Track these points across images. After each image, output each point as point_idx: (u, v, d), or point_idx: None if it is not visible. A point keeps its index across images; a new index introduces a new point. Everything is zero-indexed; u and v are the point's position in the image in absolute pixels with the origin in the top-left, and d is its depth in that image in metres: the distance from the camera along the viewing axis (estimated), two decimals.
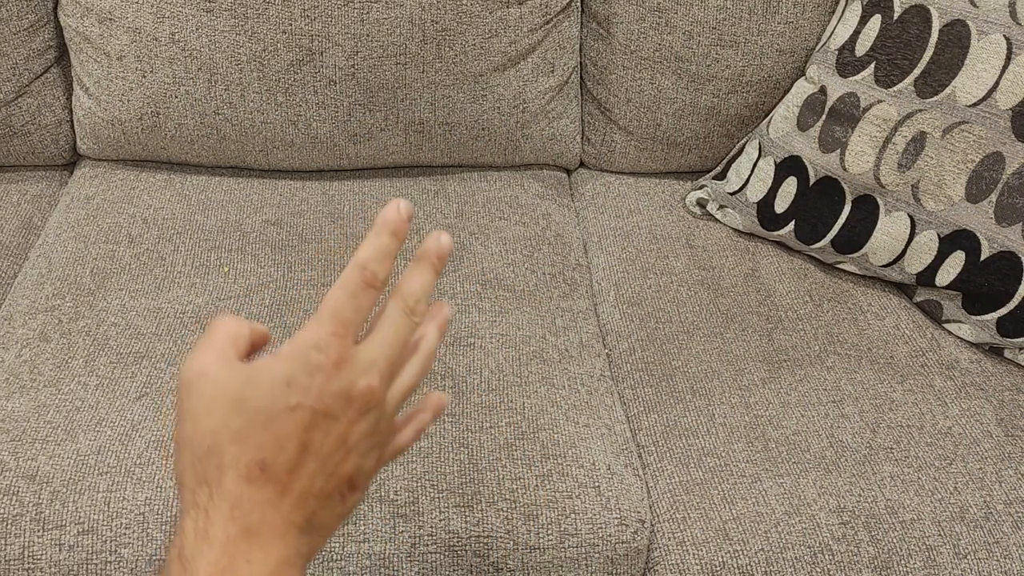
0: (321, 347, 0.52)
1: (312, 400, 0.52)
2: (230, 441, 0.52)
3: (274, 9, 1.26)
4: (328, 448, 0.53)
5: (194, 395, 0.53)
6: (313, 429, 0.52)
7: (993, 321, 1.18)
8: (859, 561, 0.97)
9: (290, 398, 0.52)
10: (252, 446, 0.52)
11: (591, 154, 1.48)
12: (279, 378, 0.52)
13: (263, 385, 0.52)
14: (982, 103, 1.14)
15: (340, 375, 0.52)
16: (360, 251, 0.53)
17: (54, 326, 1.11)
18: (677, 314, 1.23)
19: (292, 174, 1.40)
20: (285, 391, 0.52)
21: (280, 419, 0.52)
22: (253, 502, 0.52)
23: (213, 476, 0.52)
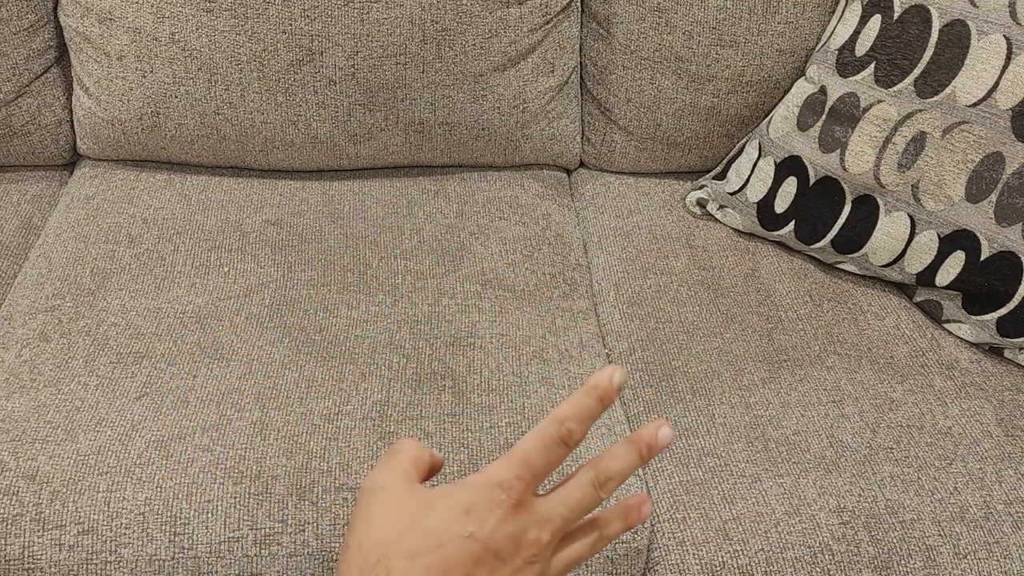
0: (505, 487, 0.53)
1: (486, 535, 0.53)
2: (400, 556, 0.52)
3: (274, 9, 1.26)
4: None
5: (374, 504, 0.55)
6: (481, 564, 0.53)
7: (993, 321, 1.18)
8: (859, 561, 0.97)
9: (467, 527, 0.53)
10: (421, 566, 0.52)
11: (591, 154, 1.48)
12: (459, 505, 0.53)
13: (442, 508, 0.53)
14: (982, 103, 1.14)
15: (516, 518, 0.53)
16: (563, 407, 0.54)
17: (54, 326, 1.11)
18: (677, 314, 1.23)
19: (292, 174, 1.40)
20: (463, 519, 0.53)
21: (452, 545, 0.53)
22: None
23: None
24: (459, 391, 1.07)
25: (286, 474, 0.97)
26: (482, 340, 1.13)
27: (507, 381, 1.09)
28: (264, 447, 0.99)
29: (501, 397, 1.06)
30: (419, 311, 1.16)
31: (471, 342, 1.13)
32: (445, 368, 1.09)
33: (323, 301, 1.17)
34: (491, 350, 1.12)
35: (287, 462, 0.98)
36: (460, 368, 1.09)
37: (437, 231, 1.29)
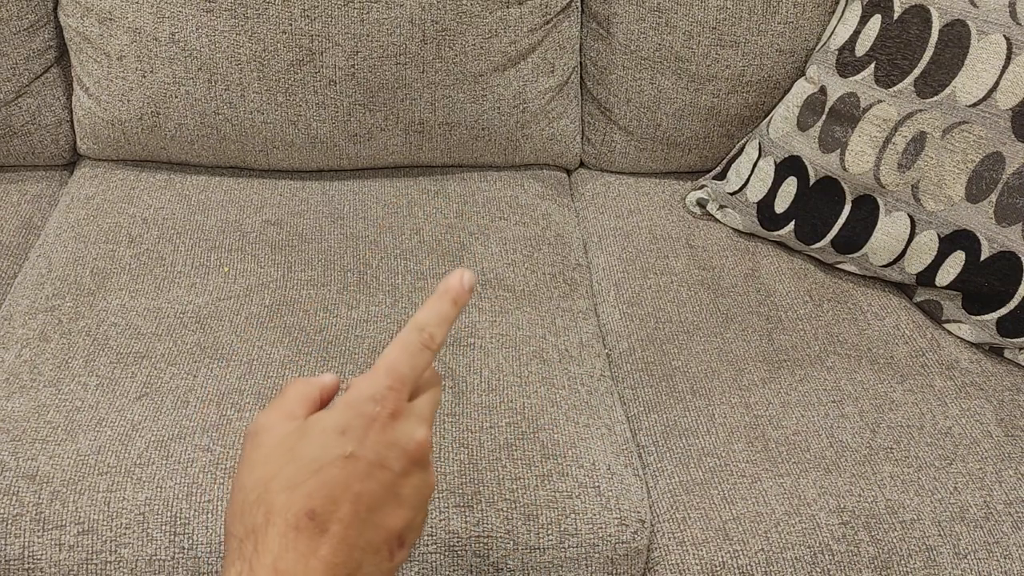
0: (377, 399, 0.53)
1: (366, 450, 0.52)
2: (281, 489, 0.51)
3: (274, 9, 1.26)
4: (380, 500, 0.52)
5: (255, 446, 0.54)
6: (366, 479, 0.52)
7: (993, 321, 1.18)
8: (859, 561, 0.97)
9: (345, 447, 0.52)
10: (302, 494, 0.51)
11: (591, 154, 1.48)
12: (333, 427, 0.52)
13: (317, 434, 0.52)
14: (982, 103, 1.14)
15: (396, 427, 0.53)
16: (421, 314, 0.55)
17: (54, 326, 1.11)
18: (677, 314, 1.23)
19: (292, 174, 1.40)
20: (339, 440, 0.52)
21: (332, 467, 0.51)
22: (298, 553, 0.50)
23: (260, 526, 0.51)
24: (459, 391, 1.07)
25: None
26: (482, 340, 1.13)
27: (507, 381, 1.09)
28: None
29: (501, 397, 1.07)
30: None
31: (471, 342, 1.13)
32: (445, 368, 1.09)
33: (323, 301, 1.17)
34: (491, 350, 1.12)
35: None
36: (460, 368, 1.09)
37: (437, 231, 1.29)
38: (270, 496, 0.51)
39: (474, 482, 0.98)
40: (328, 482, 0.51)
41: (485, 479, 0.98)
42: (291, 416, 0.54)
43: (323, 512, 0.51)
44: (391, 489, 0.53)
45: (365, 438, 0.52)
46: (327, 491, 0.51)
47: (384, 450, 0.53)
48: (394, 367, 0.54)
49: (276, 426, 0.54)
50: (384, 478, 0.53)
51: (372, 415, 0.52)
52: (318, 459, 0.52)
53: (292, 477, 0.51)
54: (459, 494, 0.97)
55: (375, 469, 0.52)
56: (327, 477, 0.51)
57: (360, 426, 0.52)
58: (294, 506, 0.51)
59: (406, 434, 0.53)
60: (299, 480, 0.51)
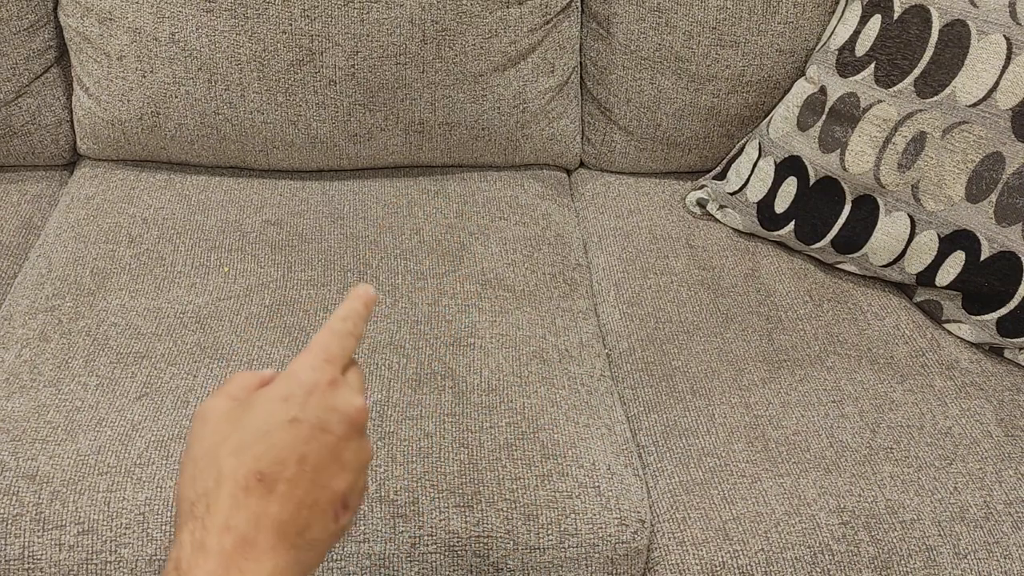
0: (316, 368, 0.57)
1: (308, 414, 0.55)
2: (229, 453, 0.54)
3: (274, 9, 1.26)
4: (324, 461, 0.55)
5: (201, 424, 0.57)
6: (310, 441, 0.55)
7: (993, 321, 1.18)
8: (859, 561, 0.97)
9: (288, 411, 0.55)
10: (250, 456, 0.54)
11: (591, 154, 1.48)
12: (277, 395, 0.56)
13: (262, 404, 0.56)
14: (982, 103, 1.14)
15: (335, 393, 0.57)
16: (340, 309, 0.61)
17: (54, 326, 1.11)
18: (677, 314, 1.23)
19: (292, 174, 1.40)
20: (283, 406, 0.55)
21: (278, 431, 0.55)
22: (249, 511, 0.53)
23: (211, 487, 0.54)
24: (459, 391, 1.07)
25: None
26: (482, 340, 1.13)
27: (507, 381, 1.09)
28: None
29: (501, 397, 1.06)
30: (419, 311, 1.16)
31: (471, 342, 1.13)
32: (445, 368, 1.09)
33: (323, 301, 1.17)
34: (491, 350, 1.12)
35: None
36: (460, 368, 1.09)
37: (437, 231, 1.29)
38: (219, 461, 0.54)
39: (474, 482, 0.98)
40: (275, 445, 0.54)
41: (485, 479, 0.98)
42: (235, 398, 0.58)
43: (271, 473, 0.54)
44: (333, 452, 0.56)
45: (307, 403, 0.55)
46: (274, 453, 0.54)
47: (325, 414, 0.56)
48: (326, 346, 0.58)
49: (221, 407, 0.57)
50: (327, 441, 0.56)
51: (312, 382, 0.56)
52: (264, 424, 0.55)
53: (240, 442, 0.55)
54: (459, 494, 0.97)
55: (318, 432, 0.55)
56: (273, 440, 0.54)
57: (301, 393, 0.56)
58: (243, 468, 0.54)
59: (345, 400, 0.57)
60: (247, 444, 0.54)
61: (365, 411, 0.58)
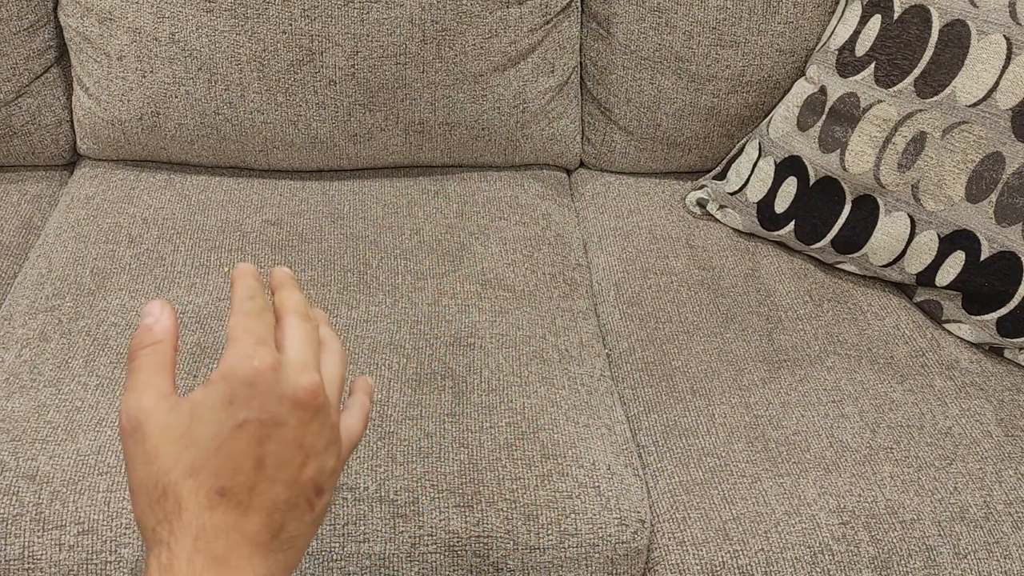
0: (250, 355, 0.52)
1: (257, 412, 0.51)
2: (185, 475, 0.51)
3: (274, 9, 1.26)
4: (284, 456, 0.52)
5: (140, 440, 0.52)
6: (265, 441, 0.51)
7: (993, 321, 1.18)
8: (859, 561, 0.97)
9: (236, 415, 0.51)
10: (207, 474, 0.51)
11: (591, 154, 1.48)
12: (220, 400, 0.51)
13: (206, 412, 0.51)
14: (982, 103, 1.14)
15: (280, 379, 0.52)
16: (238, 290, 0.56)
17: (54, 326, 1.11)
18: (677, 314, 1.23)
19: (292, 174, 1.40)
20: (229, 410, 0.51)
21: (230, 440, 0.51)
22: (217, 529, 0.50)
23: (172, 512, 0.50)
24: (459, 391, 1.07)
25: None
26: (482, 340, 1.13)
27: (507, 381, 1.09)
28: None
29: (501, 397, 1.06)
30: (419, 311, 1.16)
31: (471, 342, 1.13)
32: (445, 368, 1.09)
33: (323, 301, 1.17)
34: (491, 350, 1.12)
35: None
36: (460, 368, 1.09)
37: (437, 231, 1.29)
38: (174, 487, 0.51)
39: (474, 482, 0.98)
40: (229, 456, 0.51)
41: (485, 479, 0.98)
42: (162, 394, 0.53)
43: (232, 486, 0.51)
44: (293, 442, 0.52)
45: (252, 400, 0.51)
46: (231, 464, 0.51)
47: (275, 407, 0.52)
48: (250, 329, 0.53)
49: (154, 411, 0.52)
50: (283, 434, 0.52)
51: (254, 372, 0.51)
52: (214, 436, 0.51)
53: (192, 461, 0.51)
54: (459, 494, 0.97)
55: (270, 428, 0.52)
56: (226, 451, 0.51)
57: (245, 391, 0.51)
58: (202, 488, 0.50)
59: (292, 383, 0.52)
60: (200, 462, 0.51)
61: (316, 386, 0.53)
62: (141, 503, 0.52)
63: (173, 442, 0.51)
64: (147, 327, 0.54)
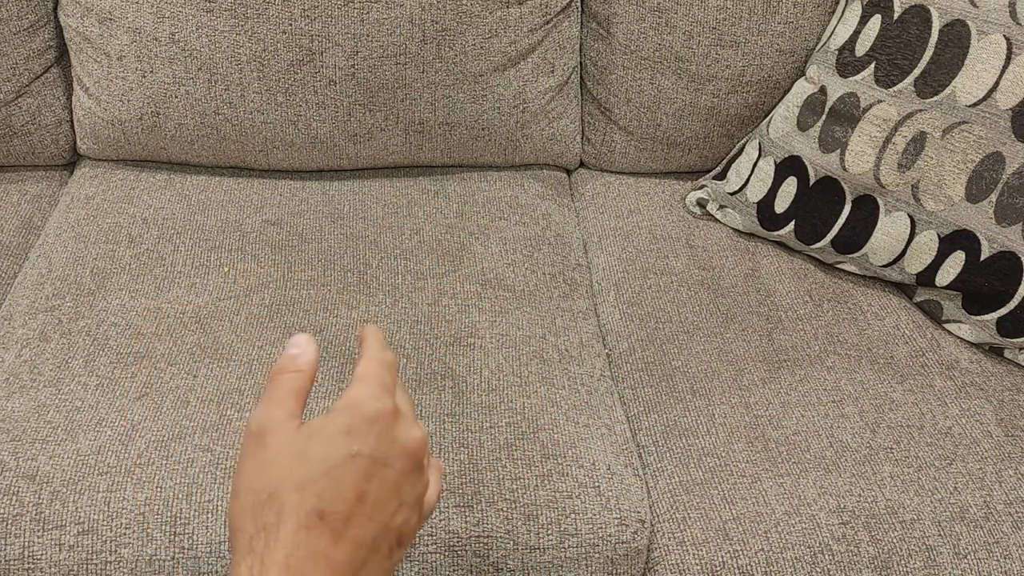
0: (377, 398, 0.56)
1: (371, 448, 0.55)
2: (292, 489, 0.53)
3: (274, 9, 1.26)
4: (383, 497, 0.55)
5: (261, 448, 0.55)
6: (371, 477, 0.54)
7: (993, 321, 1.18)
8: (859, 561, 0.97)
9: (351, 446, 0.54)
10: (312, 494, 0.53)
11: (591, 154, 1.48)
12: (340, 428, 0.55)
13: (325, 436, 0.55)
14: (982, 103, 1.14)
15: (397, 425, 0.56)
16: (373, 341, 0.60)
17: (54, 326, 1.11)
18: (677, 314, 1.23)
19: (292, 174, 1.40)
20: (345, 440, 0.54)
21: (340, 467, 0.54)
22: (308, 551, 0.52)
23: (272, 523, 0.53)
24: (459, 391, 1.07)
25: None
26: (482, 340, 1.13)
27: (507, 381, 1.09)
28: None
29: (501, 397, 1.06)
30: (419, 311, 1.16)
31: (471, 342, 1.13)
32: (445, 368, 1.09)
33: (323, 301, 1.17)
34: (491, 350, 1.12)
35: None
36: (460, 368, 1.09)
37: (437, 231, 1.29)
38: (282, 495, 0.53)
39: (474, 482, 0.98)
40: (336, 481, 0.53)
41: (485, 479, 0.98)
42: (291, 414, 0.56)
43: (332, 511, 0.53)
44: (393, 487, 0.55)
45: (369, 436, 0.54)
46: (336, 490, 0.53)
47: (387, 448, 0.55)
48: (378, 375, 0.57)
49: (281, 427, 0.56)
50: (387, 476, 0.55)
51: (375, 413, 0.55)
52: (326, 459, 0.54)
53: (303, 477, 0.53)
54: (459, 494, 0.97)
55: (379, 467, 0.54)
56: (335, 476, 0.53)
57: (364, 426, 0.55)
58: (305, 505, 0.53)
59: (405, 432, 0.56)
60: (309, 480, 0.53)
61: (424, 443, 0.57)
62: (244, 503, 0.54)
63: (290, 456, 0.54)
64: (292, 356, 0.58)
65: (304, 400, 0.57)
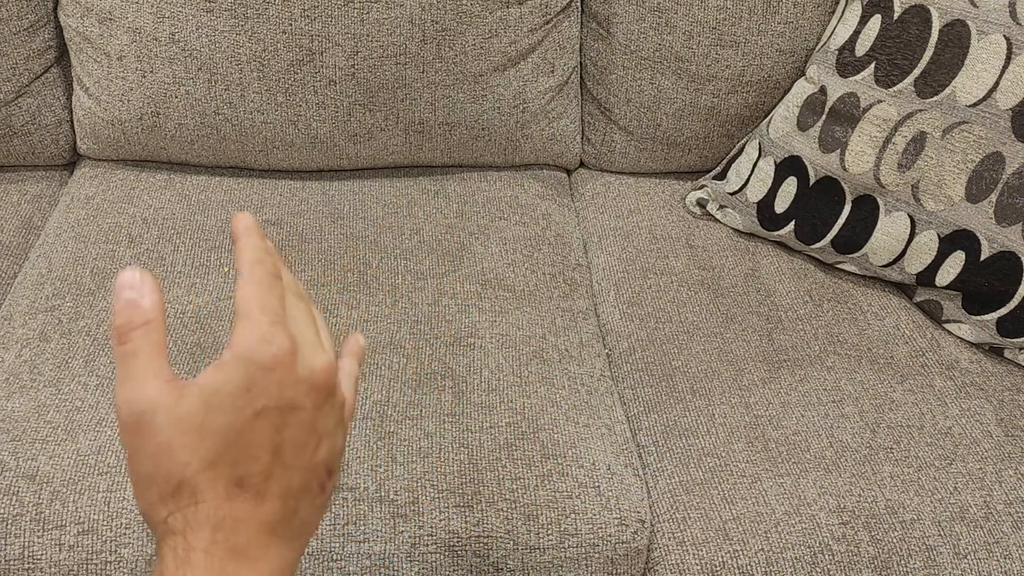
0: (268, 339, 0.49)
1: (276, 399, 0.49)
2: (202, 469, 0.48)
3: (274, 9, 1.26)
4: (300, 441, 0.50)
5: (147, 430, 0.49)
6: (283, 428, 0.50)
7: (993, 321, 1.18)
8: (859, 561, 0.97)
9: (255, 403, 0.49)
10: (225, 465, 0.49)
11: (591, 154, 1.48)
12: (238, 387, 0.48)
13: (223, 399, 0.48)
14: (982, 103, 1.14)
15: (297, 362, 0.50)
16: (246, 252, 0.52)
17: (54, 326, 1.11)
18: (677, 314, 1.23)
19: (292, 174, 1.40)
20: (247, 397, 0.48)
21: (248, 429, 0.49)
22: (236, 520, 0.49)
23: (187, 504, 0.48)
24: (459, 391, 1.07)
25: None
26: (482, 340, 1.13)
27: (507, 381, 1.09)
28: None
29: (501, 397, 1.06)
30: (419, 311, 1.16)
31: (471, 342, 1.13)
32: (445, 368, 1.09)
33: (323, 301, 1.17)
34: (491, 350, 1.12)
35: None
36: (460, 368, 1.09)
37: (437, 231, 1.29)
38: (191, 481, 0.48)
39: (474, 482, 0.98)
40: (248, 445, 0.49)
41: (485, 479, 0.98)
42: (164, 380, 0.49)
43: (249, 475, 0.49)
44: (308, 427, 0.51)
45: (270, 387, 0.49)
46: (249, 454, 0.49)
47: (292, 392, 0.49)
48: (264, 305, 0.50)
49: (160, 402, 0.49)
50: (300, 419, 0.50)
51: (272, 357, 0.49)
52: (232, 426, 0.48)
53: (209, 453, 0.48)
54: (459, 494, 0.97)
55: (287, 415, 0.50)
56: (245, 440, 0.49)
57: (263, 376, 0.48)
58: (220, 479, 0.48)
59: (307, 367, 0.50)
60: (218, 454, 0.48)
61: (331, 367, 0.51)
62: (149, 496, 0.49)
63: (188, 434, 0.48)
64: (132, 303, 0.49)
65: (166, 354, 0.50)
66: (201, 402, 0.48)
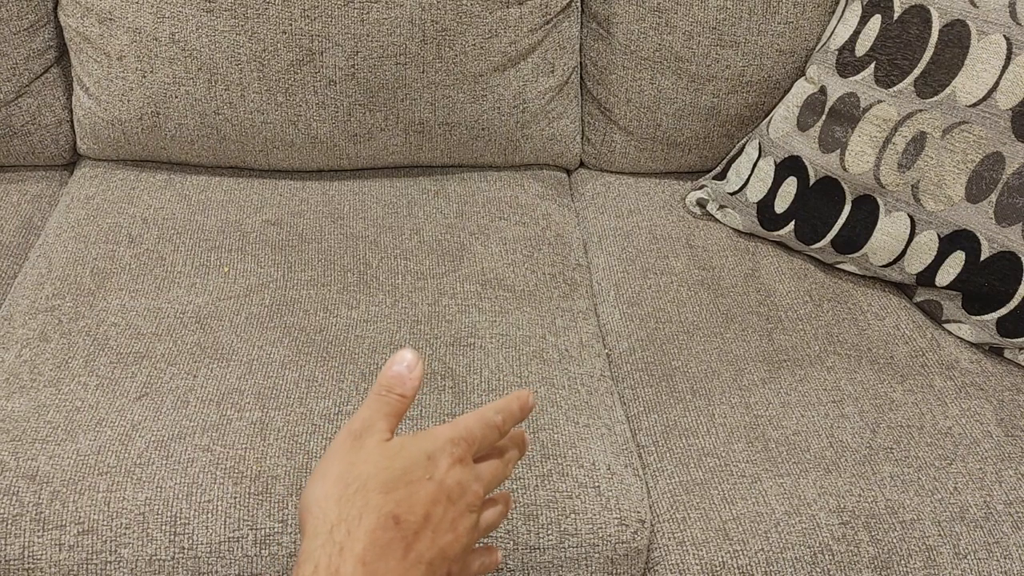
0: (456, 443, 0.63)
1: (440, 478, 0.62)
2: (378, 489, 0.60)
3: (274, 9, 1.26)
4: (444, 525, 0.61)
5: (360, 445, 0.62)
6: (437, 503, 0.61)
7: (993, 321, 1.18)
8: (859, 561, 0.97)
9: (428, 470, 0.62)
10: (393, 499, 0.60)
11: (591, 154, 1.48)
12: (424, 451, 0.62)
13: (412, 452, 0.62)
14: (982, 103, 1.14)
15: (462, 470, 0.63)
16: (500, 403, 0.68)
17: (54, 326, 1.11)
18: (677, 314, 1.23)
19: (292, 174, 1.40)
20: (426, 463, 0.62)
21: (418, 484, 0.61)
22: (384, 551, 0.58)
23: (354, 516, 0.58)
24: (459, 391, 1.07)
25: (286, 474, 0.97)
26: (482, 340, 1.13)
27: (507, 381, 1.09)
28: (264, 447, 0.99)
29: (501, 397, 1.06)
30: (419, 311, 1.16)
31: (471, 342, 1.13)
32: (445, 368, 1.09)
33: (323, 301, 1.17)
34: (491, 350, 1.12)
35: (287, 462, 0.98)
36: (460, 368, 1.09)
37: (437, 231, 1.29)
38: (368, 493, 0.59)
39: None
40: (413, 495, 0.60)
41: None
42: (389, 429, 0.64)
43: (405, 520, 0.59)
44: (452, 520, 0.62)
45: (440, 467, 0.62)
46: (411, 502, 0.60)
47: (452, 484, 0.62)
48: (469, 428, 0.65)
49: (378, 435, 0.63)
50: (448, 508, 0.62)
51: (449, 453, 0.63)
52: (409, 473, 0.61)
53: (387, 482, 0.60)
54: None
55: (443, 496, 0.61)
56: (413, 490, 0.60)
57: (442, 458, 0.62)
58: (386, 507, 0.59)
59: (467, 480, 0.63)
60: (393, 486, 0.60)
61: (480, 497, 0.64)
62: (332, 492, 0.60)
63: (380, 460, 0.61)
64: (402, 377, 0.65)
65: (400, 420, 0.65)
66: (399, 446, 0.63)
